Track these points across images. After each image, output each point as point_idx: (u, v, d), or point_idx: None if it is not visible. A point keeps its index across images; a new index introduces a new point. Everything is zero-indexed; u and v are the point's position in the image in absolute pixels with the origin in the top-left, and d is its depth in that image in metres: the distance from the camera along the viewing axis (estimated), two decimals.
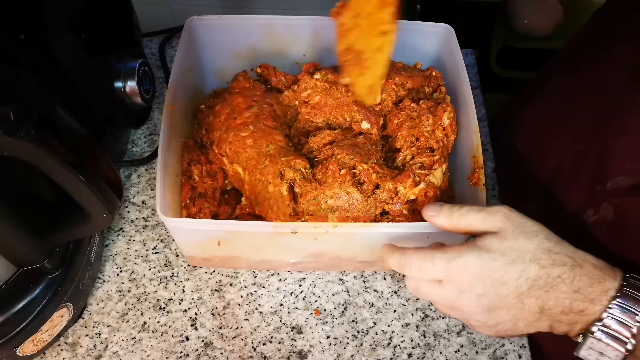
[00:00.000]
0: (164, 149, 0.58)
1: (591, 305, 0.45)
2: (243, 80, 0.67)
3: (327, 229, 0.53)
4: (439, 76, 0.67)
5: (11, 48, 0.49)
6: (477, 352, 0.60)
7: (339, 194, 0.55)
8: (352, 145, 0.59)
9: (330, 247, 0.58)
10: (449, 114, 0.61)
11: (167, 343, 0.60)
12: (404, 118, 0.61)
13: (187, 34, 0.67)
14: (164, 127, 0.59)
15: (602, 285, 0.45)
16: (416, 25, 0.69)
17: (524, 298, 0.46)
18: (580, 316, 0.46)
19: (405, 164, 0.59)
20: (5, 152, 0.40)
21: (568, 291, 0.45)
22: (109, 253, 0.66)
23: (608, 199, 0.54)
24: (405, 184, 0.55)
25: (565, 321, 0.46)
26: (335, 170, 0.56)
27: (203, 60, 0.71)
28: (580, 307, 0.45)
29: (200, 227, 0.54)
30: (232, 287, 0.64)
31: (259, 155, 0.58)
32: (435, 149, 0.59)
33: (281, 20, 0.70)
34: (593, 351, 0.46)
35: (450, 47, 0.67)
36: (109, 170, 0.49)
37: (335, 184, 0.55)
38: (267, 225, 0.53)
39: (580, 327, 0.46)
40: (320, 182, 0.56)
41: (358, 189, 0.55)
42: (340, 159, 0.57)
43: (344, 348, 0.60)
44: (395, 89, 0.64)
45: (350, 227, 0.54)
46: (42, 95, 0.41)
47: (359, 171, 0.56)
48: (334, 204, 0.55)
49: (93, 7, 0.61)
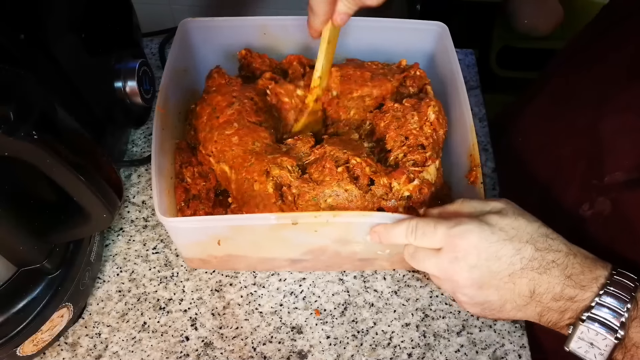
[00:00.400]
0: (157, 151, 0.58)
1: (582, 291, 0.46)
2: (218, 77, 0.66)
3: (327, 219, 0.53)
4: (423, 75, 0.67)
5: (11, 48, 0.49)
6: (477, 352, 0.60)
7: (338, 191, 0.55)
8: (342, 141, 0.59)
9: (330, 241, 0.58)
10: (434, 108, 0.61)
11: (167, 343, 0.60)
12: (390, 119, 0.61)
13: (180, 36, 0.67)
14: (156, 130, 0.59)
15: (593, 273, 0.46)
16: (410, 23, 0.69)
17: (516, 278, 0.47)
18: (571, 303, 0.46)
19: (398, 162, 0.59)
20: (5, 152, 0.40)
21: (560, 277, 0.46)
22: (109, 253, 0.66)
23: (605, 193, 0.55)
24: (399, 180, 0.55)
25: (555, 308, 0.47)
26: (333, 168, 0.56)
27: (198, 61, 0.71)
28: (571, 294, 0.46)
29: (200, 224, 0.54)
30: (232, 287, 0.64)
31: (245, 153, 0.58)
32: (426, 145, 0.59)
33: (275, 20, 0.70)
34: (583, 342, 0.46)
35: (445, 46, 0.67)
36: (109, 170, 0.49)
37: (333, 182, 0.55)
38: (268, 217, 0.53)
39: (570, 316, 0.47)
40: (317, 182, 0.56)
41: (355, 185, 0.55)
42: (334, 155, 0.57)
43: (344, 348, 0.60)
44: (361, 101, 0.65)
45: (350, 216, 0.54)
46: (42, 95, 0.41)
47: (352, 165, 0.56)
48: (333, 202, 0.55)
49: (93, 7, 0.61)
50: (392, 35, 0.70)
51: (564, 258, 0.47)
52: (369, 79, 0.66)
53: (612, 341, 0.45)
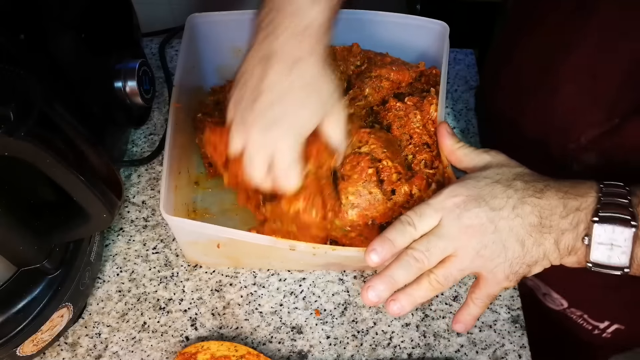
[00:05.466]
0: (170, 146, 0.57)
1: (583, 199, 0.47)
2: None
3: (326, 251, 0.52)
4: (438, 74, 0.67)
5: (11, 48, 0.49)
6: (477, 352, 0.60)
7: (362, 192, 0.55)
8: (387, 140, 0.59)
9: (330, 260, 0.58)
10: (436, 106, 0.60)
11: (167, 343, 0.60)
12: (392, 119, 0.61)
13: (188, 32, 0.67)
14: (171, 124, 0.59)
15: (585, 184, 0.48)
16: (412, 19, 0.69)
17: (519, 209, 0.47)
18: (579, 212, 0.47)
19: (410, 164, 0.58)
20: (5, 152, 0.40)
21: (558, 194, 0.48)
22: (109, 253, 0.66)
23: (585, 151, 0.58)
24: (420, 186, 0.55)
25: (566, 227, 0.47)
26: (365, 168, 0.55)
27: (204, 57, 0.71)
28: (576, 204, 0.47)
29: (199, 230, 0.54)
30: (232, 287, 0.64)
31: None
32: (431, 144, 0.59)
33: None
34: (603, 246, 0.46)
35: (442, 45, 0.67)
36: (109, 170, 0.49)
37: (360, 182, 0.55)
38: (265, 239, 0.53)
39: (584, 227, 0.47)
40: (344, 177, 0.56)
41: (380, 189, 0.55)
42: (374, 149, 0.56)
43: (344, 348, 0.60)
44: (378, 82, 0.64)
45: (349, 251, 0.53)
46: (42, 95, 0.41)
47: (382, 166, 0.56)
48: (355, 201, 0.55)
49: (93, 7, 0.61)
50: (393, 29, 0.70)
51: (553, 182, 0.49)
52: (388, 62, 0.66)
53: (630, 231, 0.45)
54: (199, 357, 0.56)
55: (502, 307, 0.62)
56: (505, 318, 0.62)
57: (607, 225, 0.45)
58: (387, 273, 0.48)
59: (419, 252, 0.48)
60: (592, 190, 0.47)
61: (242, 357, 0.56)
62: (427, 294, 0.49)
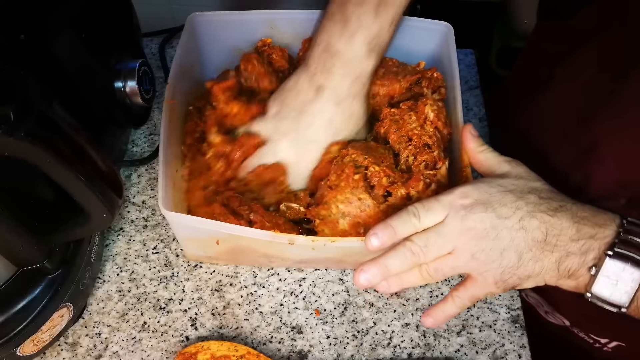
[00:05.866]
0: (165, 143, 0.57)
1: (601, 229, 0.46)
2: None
3: (325, 243, 0.52)
4: (440, 78, 0.67)
5: (11, 48, 0.49)
6: (477, 352, 0.60)
7: (351, 199, 0.54)
8: (366, 147, 0.59)
9: (329, 255, 0.58)
10: (431, 106, 0.60)
11: (167, 343, 0.60)
12: (388, 124, 0.61)
13: (188, 31, 0.67)
14: (164, 122, 0.59)
15: (607, 215, 0.46)
16: (416, 21, 0.69)
17: (526, 221, 0.46)
18: (593, 241, 0.46)
19: (410, 166, 0.58)
20: (5, 152, 0.40)
21: (572, 219, 0.46)
22: (109, 253, 0.66)
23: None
24: (417, 187, 0.55)
25: (575, 251, 0.46)
26: (350, 174, 0.55)
27: (204, 57, 0.71)
28: (590, 232, 0.46)
29: (198, 225, 0.54)
30: (232, 287, 0.64)
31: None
32: (431, 145, 0.58)
33: (282, 14, 0.69)
34: (608, 281, 0.45)
35: (448, 46, 0.67)
36: (109, 170, 0.49)
37: (347, 189, 0.55)
38: (265, 234, 0.53)
39: (594, 256, 0.46)
40: (332, 187, 0.56)
41: (370, 194, 0.55)
42: (354, 159, 0.56)
43: (344, 348, 0.60)
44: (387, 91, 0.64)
45: (347, 242, 0.53)
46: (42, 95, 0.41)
47: (370, 172, 0.55)
48: (345, 210, 0.55)
49: (93, 7, 0.61)
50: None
51: (571, 204, 0.47)
52: (379, 76, 0.65)
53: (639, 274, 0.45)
54: (199, 357, 0.56)
55: (502, 307, 0.62)
56: (505, 318, 0.62)
57: (619, 262, 0.45)
58: (381, 260, 0.48)
59: (416, 246, 0.48)
60: (613, 224, 0.46)
61: (242, 357, 0.56)
62: (415, 281, 0.50)
